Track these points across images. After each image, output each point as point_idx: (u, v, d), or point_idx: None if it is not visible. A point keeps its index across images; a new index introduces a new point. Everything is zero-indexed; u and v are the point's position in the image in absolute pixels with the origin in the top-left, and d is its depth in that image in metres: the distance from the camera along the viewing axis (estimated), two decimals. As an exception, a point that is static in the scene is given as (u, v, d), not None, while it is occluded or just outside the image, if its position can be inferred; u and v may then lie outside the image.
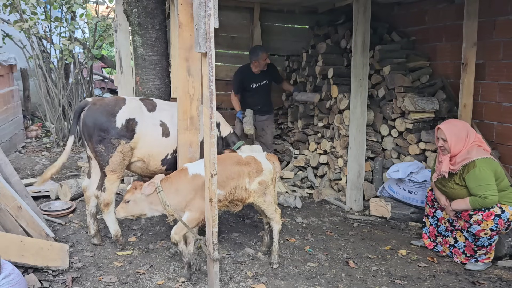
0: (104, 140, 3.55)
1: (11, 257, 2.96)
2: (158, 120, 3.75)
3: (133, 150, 3.68)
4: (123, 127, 3.57)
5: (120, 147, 3.57)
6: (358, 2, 4.68)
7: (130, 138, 3.62)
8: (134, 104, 3.71)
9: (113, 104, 3.63)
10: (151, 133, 3.72)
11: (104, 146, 3.55)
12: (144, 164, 3.79)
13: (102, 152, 3.55)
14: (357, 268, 3.60)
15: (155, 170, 3.84)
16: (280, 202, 5.11)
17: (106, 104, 3.64)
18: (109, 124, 3.55)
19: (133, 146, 3.65)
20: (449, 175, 3.68)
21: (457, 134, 3.61)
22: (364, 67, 4.81)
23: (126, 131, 3.59)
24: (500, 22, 4.61)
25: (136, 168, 3.85)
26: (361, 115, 4.91)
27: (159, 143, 3.74)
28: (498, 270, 3.60)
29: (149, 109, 3.76)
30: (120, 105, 3.63)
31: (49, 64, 7.14)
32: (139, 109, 3.70)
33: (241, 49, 6.63)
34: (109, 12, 7.59)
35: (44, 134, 7.88)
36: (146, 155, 3.74)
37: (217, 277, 2.83)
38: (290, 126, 6.59)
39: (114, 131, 3.55)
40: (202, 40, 2.59)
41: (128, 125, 3.59)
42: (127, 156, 3.64)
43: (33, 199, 3.98)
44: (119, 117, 3.57)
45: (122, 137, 3.57)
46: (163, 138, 3.74)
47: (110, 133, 3.55)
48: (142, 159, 3.76)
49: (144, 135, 3.67)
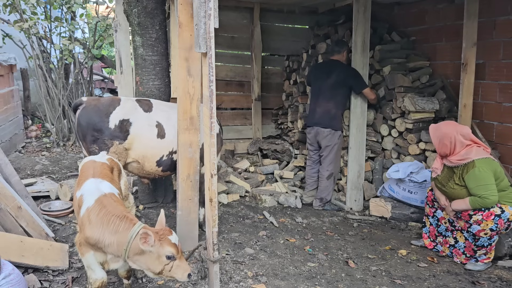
0: (98, 140, 3.55)
1: (11, 257, 2.95)
2: (154, 121, 3.73)
3: (128, 151, 3.66)
4: (117, 127, 3.56)
5: (114, 147, 3.57)
6: (358, 2, 4.68)
7: (124, 139, 3.60)
8: (129, 105, 3.69)
9: (108, 105, 3.63)
10: (146, 134, 3.69)
11: (98, 146, 3.55)
12: (140, 165, 3.78)
13: (96, 152, 3.54)
14: (357, 268, 3.60)
15: (151, 171, 3.83)
16: (280, 202, 5.12)
17: (101, 104, 3.63)
18: (102, 125, 3.55)
19: (127, 147, 3.64)
20: (449, 175, 3.68)
21: (440, 138, 3.66)
22: (364, 67, 4.81)
23: (120, 131, 3.58)
24: (500, 22, 4.61)
25: (132, 169, 3.85)
26: (361, 115, 4.91)
27: (154, 144, 3.72)
28: (498, 270, 3.60)
29: (145, 109, 3.74)
30: (115, 105, 3.63)
31: (49, 64, 7.13)
32: (134, 110, 3.68)
33: (241, 49, 6.63)
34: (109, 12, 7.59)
35: (44, 134, 7.88)
36: (140, 156, 3.73)
37: (217, 277, 2.83)
38: (290, 126, 6.59)
39: (108, 132, 3.55)
40: (202, 40, 2.59)
41: (121, 126, 3.58)
42: (122, 156, 3.63)
43: (33, 199, 3.97)
44: (112, 118, 3.57)
45: (115, 137, 3.56)
46: (158, 139, 3.71)
47: (103, 134, 3.54)
48: (137, 160, 3.74)
49: (138, 136, 3.66)
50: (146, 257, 2.46)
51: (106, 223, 2.48)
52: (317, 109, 5.00)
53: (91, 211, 2.53)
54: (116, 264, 2.62)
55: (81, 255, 2.60)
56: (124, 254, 2.46)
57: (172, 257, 2.46)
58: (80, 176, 2.84)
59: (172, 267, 2.47)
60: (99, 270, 2.61)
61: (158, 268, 2.47)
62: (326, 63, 5.20)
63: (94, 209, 2.53)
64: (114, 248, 2.48)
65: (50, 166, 6.02)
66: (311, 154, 5.21)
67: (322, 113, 4.94)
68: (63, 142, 7.21)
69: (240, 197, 5.19)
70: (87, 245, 2.53)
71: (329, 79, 4.87)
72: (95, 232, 2.48)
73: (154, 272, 2.50)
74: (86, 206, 2.56)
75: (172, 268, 2.47)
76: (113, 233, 2.47)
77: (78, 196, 2.67)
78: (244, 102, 6.76)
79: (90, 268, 2.62)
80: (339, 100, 4.90)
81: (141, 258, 2.47)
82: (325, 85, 4.91)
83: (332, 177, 5.04)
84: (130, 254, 2.46)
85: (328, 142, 4.93)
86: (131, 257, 2.48)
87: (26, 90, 8.40)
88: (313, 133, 5.07)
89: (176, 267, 2.48)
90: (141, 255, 2.46)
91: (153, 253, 2.44)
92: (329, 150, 4.95)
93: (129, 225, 2.48)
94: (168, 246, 2.44)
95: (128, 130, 3.61)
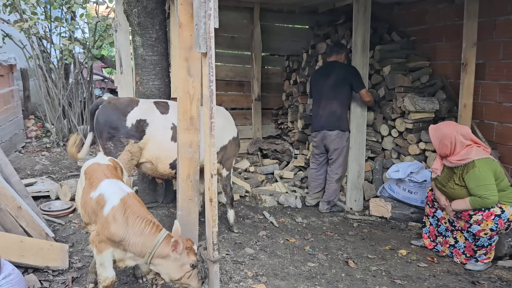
0: (114, 138, 3.64)
1: (11, 257, 2.95)
2: (170, 123, 3.77)
3: (142, 150, 3.72)
4: (133, 127, 3.65)
5: (129, 146, 3.64)
6: (358, 2, 4.68)
7: (140, 139, 3.68)
8: (146, 106, 3.77)
9: (126, 104, 3.72)
10: (161, 135, 3.75)
11: (113, 143, 3.63)
12: (153, 166, 3.82)
13: (111, 149, 3.62)
14: (357, 268, 3.60)
15: (164, 173, 3.87)
16: (280, 202, 5.11)
17: (120, 103, 3.73)
18: (119, 123, 3.64)
19: (142, 146, 3.71)
20: (449, 175, 3.68)
21: (440, 138, 3.65)
22: (364, 67, 4.81)
23: (136, 131, 3.66)
24: (500, 22, 4.61)
25: (146, 169, 3.90)
26: (361, 115, 4.91)
27: (168, 147, 3.76)
28: (498, 270, 3.60)
29: (161, 111, 3.79)
30: (133, 105, 3.72)
31: (49, 64, 7.13)
32: (151, 111, 3.75)
33: (241, 49, 6.64)
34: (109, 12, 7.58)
35: (44, 134, 7.87)
36: (154, 157, 3.78)
37: (217, 277, 2.82)
38: (290, 126, 6.59)
39: (124, 130, 3.64)
40: (202, 40, 2.59)
41: (138, 126, 3.66)
42: (136, 156, 3.70)
43: (33, 199, 3.97)
44: (130, 117, 3.65)
45: (131, 136, 3.65)
46: (172, 142, 3.75)
47: (119, 132, 3.63)
48: (151, 161, 3.79)
49: (153, 137, 3.72)
50: (170, 263, 2.58)
51: (132, 223, 2.58)
52: (321, 112, 4.89)
53: (116, 210, 2.60)
54: (132, 262, 2.69)
55: (97, 252, 2.64)
56: (147, 257, 2.56)
57: (195, 266, 2.62)
58: (90, 178, 2.85)
59: (191, 275, 2.62)
60: (111, 269, 2.68)
61: (178, 275, 2.60)
62: (324, 67, 5.15)
63: (119, 208, 2.61)
64: (138, 248, 2.57)
65: (50, 166, 6.02)
66: (316, 157, 5.10)
67: (327, 115, 4.83)
68: (63, 142, 7.21)
69: (240, 197, 5.18)
70: (108, 242, 2.59)
71: (329, 80, 4.81)
72: (120, 230, 2.56)
73: (172, 278, 2.62)
74: (111, 205, 2.62)
75: (190, 276, 2.62)
76: (139, 235, 2.56)
77: (96, 196, 2.70)
78: (244, 102, 6.77)
79: (103, 266, 2.66)
80: (342, 99, 4.80)
81: (163, 262, 2.59)
82: (326, 86, 4.83)
83: (341, 180, 5.00)
84: (153, 258, 2.57)
85: (336, 145, 4.84)
86: (153, 261, 2.58)
87: (26, 90, 8.40)
88: (319, 137, 4.94)
89: (194, 275, 2.64)
90: (164, 260, 2.58)
91: (178, 260, 2.57)
92: (338, 153, 4.87)
93: (155, 230, 2.59)
94: (193, 255, 2.61)
95: (144, 130, 3.69)
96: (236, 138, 4.15)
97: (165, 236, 2.59)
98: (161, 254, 2.56)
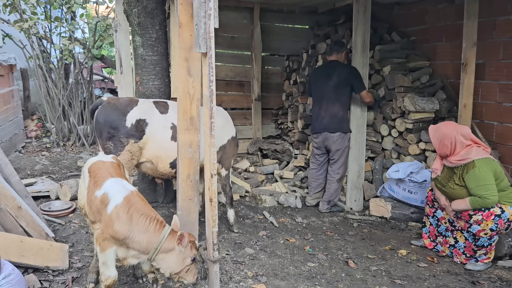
0: (113, 137, 3.65)
1: (11, 257, 2.95)
2: (170, 123, 3.78)
3: (142, 150, 3.73)
4: (133, 126, 3.66)
5: (129, 146, 3.65)
6: (358, 2, 4.68)
7: (139, 138, 3.69)
8: (146, 106, 3.78)
9: (126, 104, 3.73)
10: (161, 135, 3.76)
11: (113, 143, 3.64)
12: (153, 166, 3.83)
13: (111, 149, 3.63)
14: (357, 268, 3.60)
15: (164, 172, 3.87)
16: (280, 202, 5.11)
17: (119, 103, 3.74)
18: (119, 123, 3.65)
19: (142, 146, 3.72)
20: (449, 175, 3.68)
21: (440, 138, 3.65)
22: (364, 67, 4.81)
23: (136, 131, 3.67)
24: (500, 22, 4.61)
25: (146, 169, 3.90)
26: (361, 115, 4.91)
27: (168, 146, 3.77)
28: (498, 270, 3.60)
29: (161, 111, 3.80)
30: (132, 105, 3.73)
31: (49, 64, 7.13)
32: (150, 111, 3.76)
33: (241, 49, 6.64)
34: (109, 12, 7.58)
35: (44, 134, 7.88)
36: (154, 157, 3.79)
37: (217, 277, 2.82)
38: (290, 126, 6.59)
39: (124, 130, 3.65)
40: (202, 40, 2.59)
41: (138, 125, 3.67)
42: (136, 155, 3.71)
43: (33, 199, 3.98)
44: (129, 117, 3.66)
45: (131, 136, 3.66)
46: (171, 141, 3.76)
47: (119, 131, 3.64)
48: (151, 160, 3.80)
49: (153, 137, 3.73)
50: (174, 256, 2.62)
51: (136, 221, 2.60)
52: (322, 113, 4.85)
53: (120, 208, 2.62)
54: (135, 261, 2.71)
55: (101, 250, 2.65)
56: (152, 253, 2.59)
57: (195, 259, 2.68)
58: (95, 176, 2.85)
59: (189, 269, 2.67)
60: (114, 268, 2.69)
61: (178, 268, 2.65)
62: (324, 65, 5.13)
63: (123, 206, 2.62)
64: (143, 245, 2.60)
65: (50, 166, 6.02)
66: (317, 157, 5.08)
67: (329, 117, 4.80)
68: (63, 142, 7.21)
69: (240, 197, 5.18)
70: (112, 240, 2.61)
71: (331, 81, 4.79)
72: (124, 228, 2.57)
73: (173, 271, 2.66)
74: (115, 203, 2.63)
75: (188, 270, 2.67)
76: (143, 232, 2.59)
77: (100, 195, 2.71)
78: (244, 102, 6.77)
79: (106, 265, 2.67)
80: (344, 101, 4.79)
81: (166, 257, 2.62)
82: (328, 87, 4.80)
83: (342, 180, 4.99)
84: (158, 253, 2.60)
85: (338, 146, 4.83)
86: (157, 256, 2.61)
87: (26, 90, 8.40)
88: (321, 139, 4.91)
89: (192, 269, 2.70)
90: (167, 254, 2.62)
91: (182, 253, 2.63)
92: (340, 154, 4.86)
93: (159, 227, 2.63)
94: (195, 249, 2.68)
95: (144, 130, 3.70)
96: (235, 137, 4.16)
97: (169, 232, 2.63)
98: (166, 248, 2.60)
